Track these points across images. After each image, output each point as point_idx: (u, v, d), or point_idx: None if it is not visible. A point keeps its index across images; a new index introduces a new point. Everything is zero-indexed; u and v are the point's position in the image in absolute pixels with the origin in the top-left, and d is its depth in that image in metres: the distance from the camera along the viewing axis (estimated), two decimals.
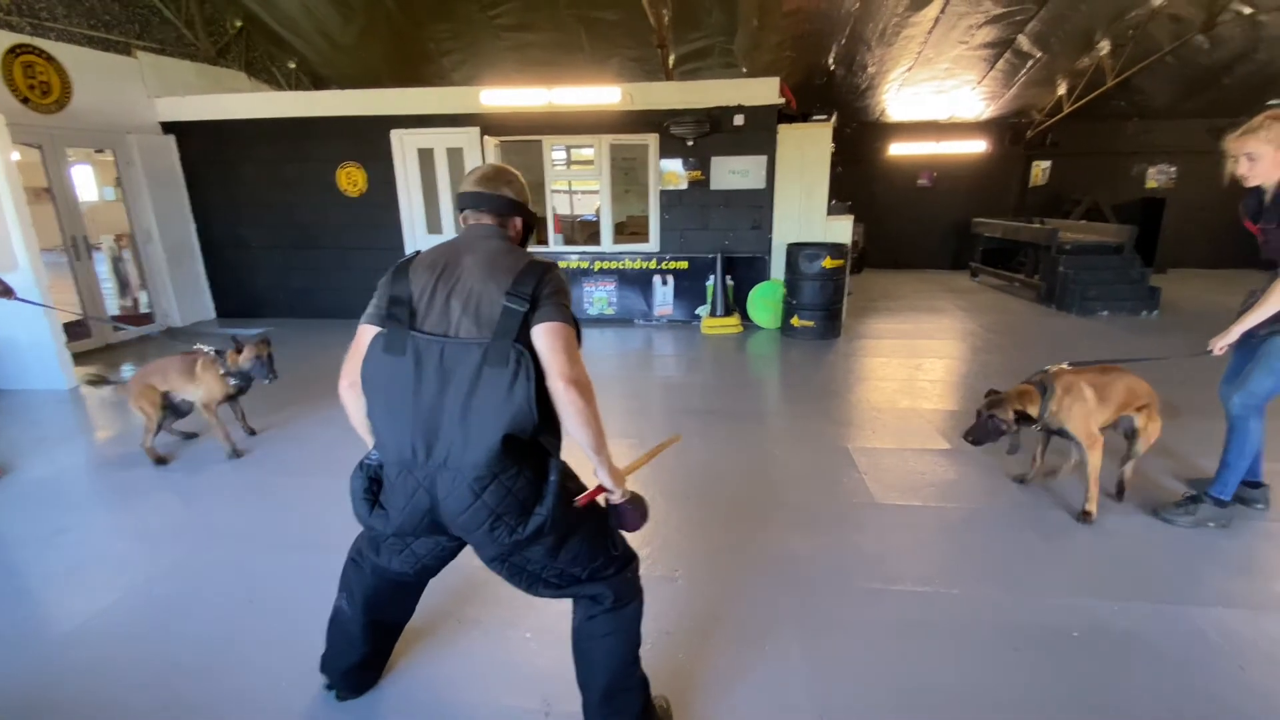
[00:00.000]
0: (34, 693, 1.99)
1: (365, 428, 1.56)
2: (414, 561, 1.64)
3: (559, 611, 2.28)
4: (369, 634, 1.84)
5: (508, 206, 1.56)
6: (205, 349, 3.49)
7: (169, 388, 3.52)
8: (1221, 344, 2.67)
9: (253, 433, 3.98)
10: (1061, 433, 2.94)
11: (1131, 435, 3.03)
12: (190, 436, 3.98)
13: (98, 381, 3.69)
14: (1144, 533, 2.82)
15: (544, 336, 1.36)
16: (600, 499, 1.55)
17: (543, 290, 1.39)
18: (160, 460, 3.64)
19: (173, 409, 3.65)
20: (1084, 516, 2.92)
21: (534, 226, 1.66)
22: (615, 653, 1.61)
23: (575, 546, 1.52)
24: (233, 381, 3.50)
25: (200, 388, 3.50)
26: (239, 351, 3.46)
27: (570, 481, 1.52)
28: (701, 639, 2.20)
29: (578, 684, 1.67)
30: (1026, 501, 3.09)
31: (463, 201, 1.57)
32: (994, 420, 2.88)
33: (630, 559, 1.66)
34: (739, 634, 2.22)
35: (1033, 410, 2.85)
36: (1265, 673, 2.01)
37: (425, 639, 2.19)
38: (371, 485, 1.52)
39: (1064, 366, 2.94)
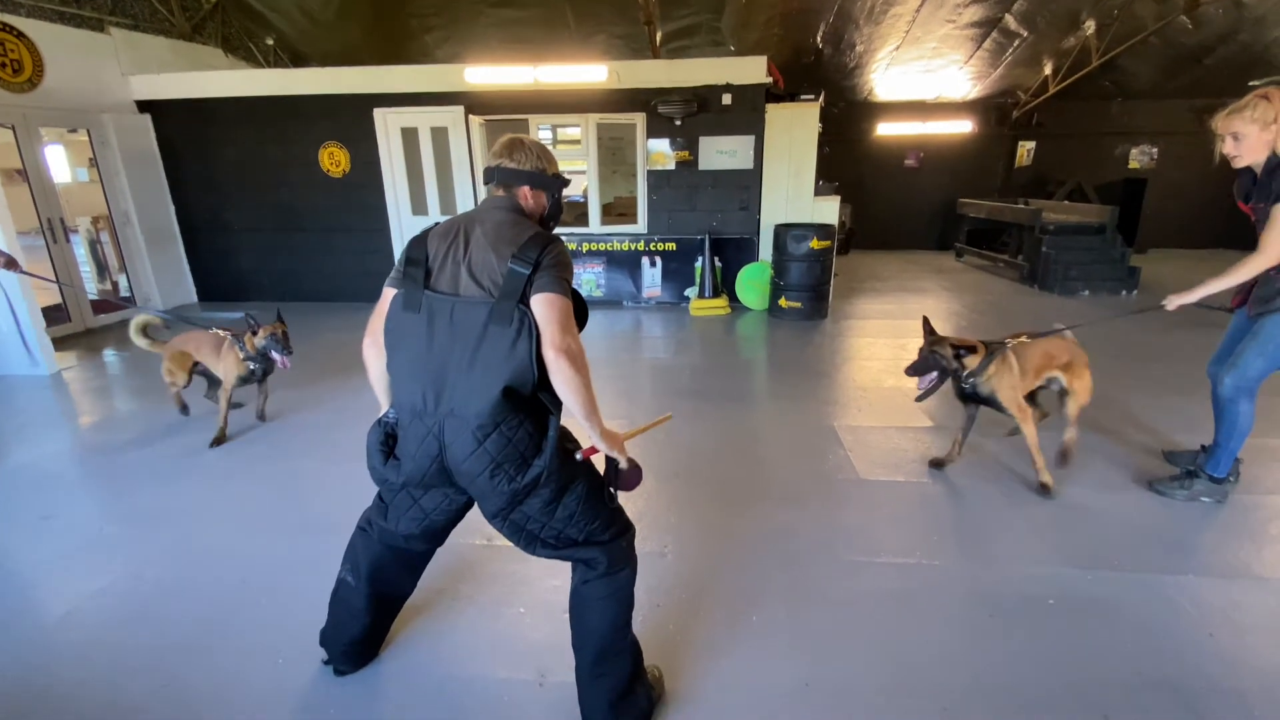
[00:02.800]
0: (28, 675, 2.01)
1: (382, 386, 1.67)
2: (421, 518, 1.69)
3: (551, 587, 2.34)
4: (371, 606, 1.88)
5: (510, 176, 1.63)
6: (223, 332, 3.61)
7: (200, 358, 3.73)
8: (1178, 303, 2.70)
9: (262, 419, 3.98)
10: (988, 401, 3.00)
11: (1062, 396, 3.08)
12: (234, 405, 4.06)
13: (151, 331, 3.87)
14: (1118, 505, 2.91)
15: (540, 307, 1.44)
16: (596, 457, 1.62)
17: (545, 258, 1.47)
18: (184, 409, 3.94)
19: (207, 378, 3.94)
20: (1042, 490, 3.00)
21: (555, 193, 1.70)
22: (607, 617, 1.67)
23: (571, 505, 1.58)
24: (252, 366, 3.59)
25: (222, 366, 3.63)
26: (254, 333, 3.53)
27: (568, 442, 1.60)
28: (691, 611, 2.25)
29: (572, 647, 1.72)
30: (1006, 477, 3.17)
31: (485, 176, 1.66)
32: (934, 356, 2.93)
33: (626, 529, 1.72)
34: (727, 606, 2.28)
35: (971, 361, 2.90)
36: (1232, 638, 2.09)
37: (421, 616, 2.23)
38: (387, 440, 1.61)
39: (1023, 339, 2.99)
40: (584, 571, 1.67)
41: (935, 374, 2.94)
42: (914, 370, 2.97)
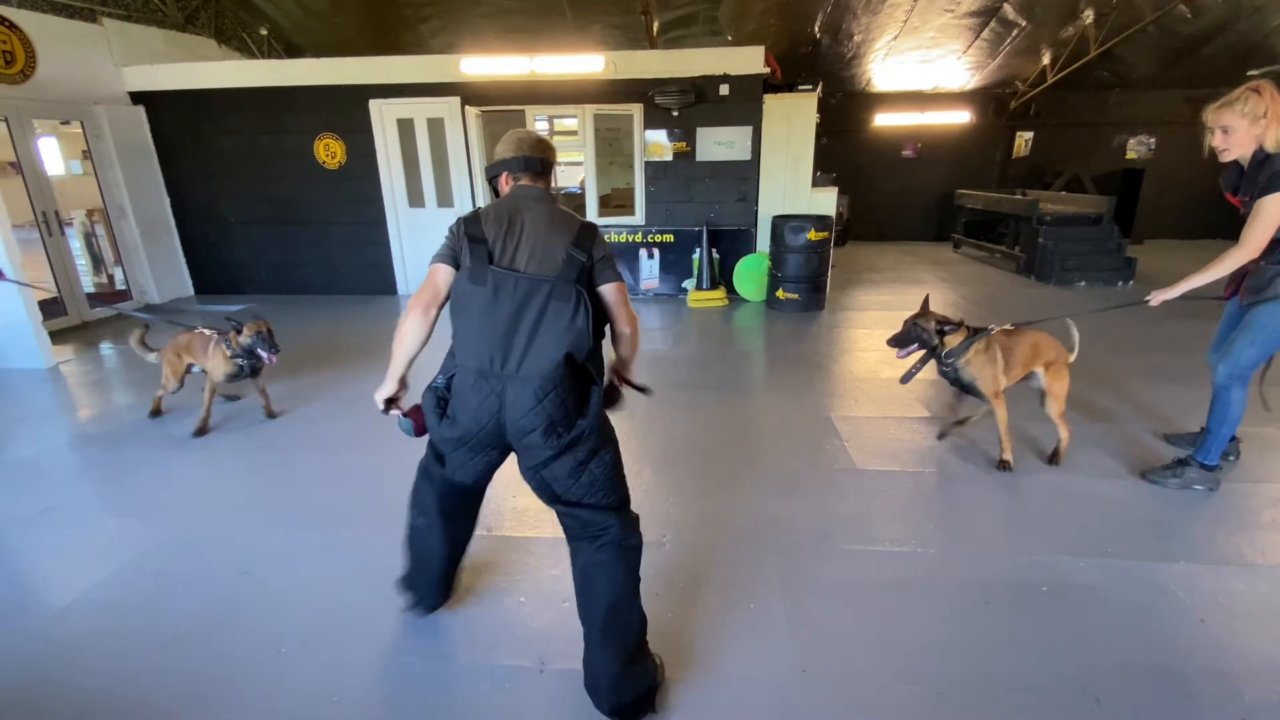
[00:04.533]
0: (31, 667, 2.02)
1: (408, 355, 1.79)
2: (476, 473, 1.89)
3: (551, 576, 2.37)
4: (446, 539, 2.04)
5: (547, 169, 1.86)
6: (209, 331, 3.67)
7: (191, 359, 3.81)
8: (1161, 298, 2.75)
9: (272, 415, 3.99)
10: (968, 388, 3.06)
11: (1041, 395, 3.13)
12: (233, 399, 4.26)
13: (144, 347, 3.98)
14: (1111, 493, 2.93)
15: (611, 293, 1.77)
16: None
17: (598, 252, 1.73)
18: (156, 412, 4.00)
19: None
20: (1002, 465, 3.11)
21: None
22: (616, 582, 1.74)
23: (596, 471, 1.74)
24: (239, 362, 3.63)
25: (209, 364, 3.68)
26: (239, 332, 3.59)
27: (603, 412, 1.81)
28: (689, 600, 2.27)
29: (580, 619, 1.76)
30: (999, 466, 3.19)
31: (516, 165, 1.82)
32: (917, 328, 2.97)
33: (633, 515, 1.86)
34: (725, 594, 2.30)
35: (952, 340, 2.95)
36: (1223, 624, 2.12)
37: None
38: (439, 403, 1.77)
39: (1008, 327, 3.04)
40: (595, 539, 1.75)
41: (918, 348, 2.98)
42: (895, 341, 3.02)
